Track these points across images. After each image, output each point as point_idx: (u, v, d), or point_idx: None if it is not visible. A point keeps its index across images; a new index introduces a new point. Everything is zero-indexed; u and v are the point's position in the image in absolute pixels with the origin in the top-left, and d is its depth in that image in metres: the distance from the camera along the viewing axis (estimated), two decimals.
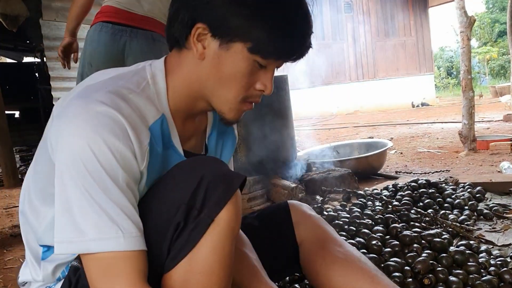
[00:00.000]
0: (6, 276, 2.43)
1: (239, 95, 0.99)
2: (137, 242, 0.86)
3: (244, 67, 0.96)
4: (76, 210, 0.84)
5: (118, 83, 0.95)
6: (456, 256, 1.73)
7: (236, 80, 0.97)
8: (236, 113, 1.03)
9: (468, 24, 5.15)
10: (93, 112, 0.87)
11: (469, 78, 5.23)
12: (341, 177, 3.40)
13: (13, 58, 11.64)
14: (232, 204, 0.93)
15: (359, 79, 16.18)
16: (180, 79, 1.01)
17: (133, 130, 0.90)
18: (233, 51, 0.95)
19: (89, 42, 2.31)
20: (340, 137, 8.13)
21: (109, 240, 0.83)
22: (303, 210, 1.37)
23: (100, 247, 0.83)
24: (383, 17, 16.50)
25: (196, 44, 0.97)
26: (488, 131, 6.85)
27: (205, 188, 0.92)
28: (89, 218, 0.83)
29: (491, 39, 26.86)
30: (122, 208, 0.86)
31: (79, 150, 0.85)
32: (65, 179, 0.86)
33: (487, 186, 2.89)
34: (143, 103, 0.95)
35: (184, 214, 0.92)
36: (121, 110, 0.89)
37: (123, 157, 0.87)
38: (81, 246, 0.84)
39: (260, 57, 0.96)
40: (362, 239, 1.94)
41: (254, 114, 3.19)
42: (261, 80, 1.00)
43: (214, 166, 0.97)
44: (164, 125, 1.00)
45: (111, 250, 0.84)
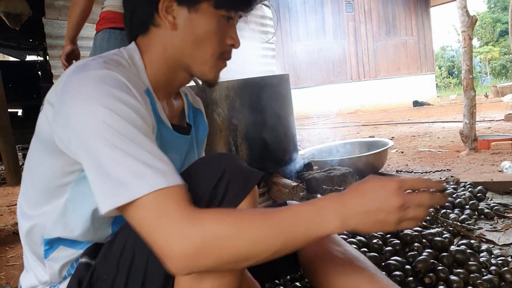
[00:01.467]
0: (9, 273, 2.44)
1: (215, 52, 1.05)
2: (175, 177, 0.86)
3: (214, 24, 1.03)
4: (111, 167, 0.83)
5: (103, 58, 0.99)
6: (457, 255, 1.74)
7: (210, 38, 1.03)
8: (216, 72, 1.09)
9: (469, 24, 5.15)
10: (96, 77, 0.90)
11: (471, 77, 5.23)
12: (342, 176, 3.40)
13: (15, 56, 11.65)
14: (250, 197, 0.98)
15: (360, 78, 16.16)
16: (156, 55, 1.06)
17: (134, 88, 0.93)
18: (201, 12, 1.02)
19: (99, 49, 2.31)
20: (341, 136, 8.14)
21: (150, 181, 0.82)
22: None
23: (143, 189, 0.82)
24: (384, 16, 16.47)
25: (166, 16, 1.02)
26: (489, 130, 6.85)
27: (227, 181, 0.97)
28: (125, 169, 0.83)
29: (493, 39, 26.80)
30: (153, 152, 0.86)
31: (97, 114, 0.85)
32: (92, 145, 0.85)
33: (488, 185, 2.90)
34: (130, 75, 0.98)
35: (206, 204, 0.95)
36: (117, 71, 0.94)
37: (137, 109, 0.90)
38: (125, 195, 0.82)
39: (225, 10, 1.03)
40: (362, 237, 1.94)
41: (255, 112, 3.20)
42: (229, 34, 1.06)
43: (235, 162, 1.02)
44: (151, 98, 1.03)
45: (154, 189, 0.82)
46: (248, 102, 3.20)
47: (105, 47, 2.29)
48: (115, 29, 2.29)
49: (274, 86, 3.33)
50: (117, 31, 2.28)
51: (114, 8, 2.29)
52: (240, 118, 3.20)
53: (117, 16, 2.29)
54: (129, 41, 1.10)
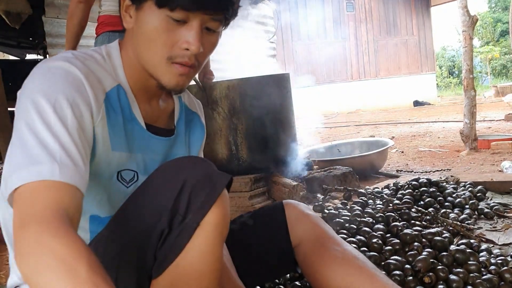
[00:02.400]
0: (8, 272, 2.44)
1: (162, 55, 0.97)
2: (72, 175, 0.80)
3: (157, 23, 0.95)
4: (18, 145, 0.82)
5: (75, 53, 0.98)
6: (457, 255, 1.73)
7: (154, 39, 0.96)
8: (171, 77, 0.99)
9: (470, 24, 5.15)
10: (50, 66, 0.92)
11: (471, 77, 5.23)
12: (342, 176, 3.40)
13: (15, 55, 11.64)
14: (218, 206, 0.91)
15: (361, 78, 16.16)
16: (129, 55, 1.04)
17: (88, 83, 0.92)
18: (144, 10, 0.96)
19: None
20: (342, 135, 8.14)
21: (42, 167, 0.78)
22: (300, 209, 1.36)
23: (31, 174, 0.78)
24: (385, 16, 16.47)
25: (125, 16, 1.00)
26: (490, 130, 6.85)
27: (189, 192, 0.90)
28: (27, 151, 0.80)
29: (493, 39, 26.79)
30: (63, 144, 0.83)
31: (33, 96, 0.87)
32: (17, 123, 0.86)
33: (488, 185, 2.89)
34: (99, 70, 0.98)
35: (168, 220, 0.90)
36: (78, 65, 0.93)
37: (75, 104, 0.89)
38: (13, 178, 0.78)
39: (168, 9, 0.93)
40: (362, 237, 1.94)
41: (255, 112, 3.20)
42: (183, 37, 0.96)
43: (197, 168, 0.95)
44: (122, 96, 1.01)
45: (41, 178, 0.77)
46: (248, 101, 3.20)
47: None
48: (114, 32, 2.31)
49: (275, 85, 3.33)
50: (116, 33, 2.30)
51: (112, 12, 2.33)
52: (240, 117, 3.19)
53: (115, 19, 2.30)
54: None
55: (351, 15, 16.04)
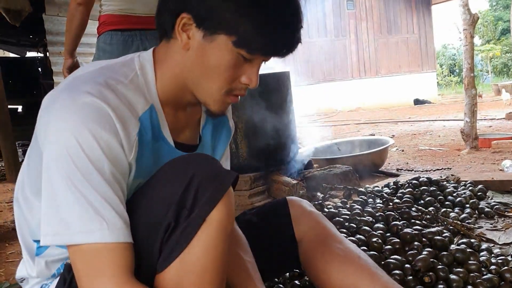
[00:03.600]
0: (8, 269, 2.44)
1: (222, 87, 0.98)
2: (122, 234, 0.86)
3: (227, 60, 0.95)
4: (62, 202, 0.84)
5: (106, 74, 0.95)
6: (457, 254, 1.73)
7: (220, 72, 0.96)
8: (221, 106, 1.02)
9: (471, 22, 5.14)
10: (80, 103, 0.88)
11: (472, 76, 5.22)
12: (342, 174, 3.39)
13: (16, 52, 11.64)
14: (224, 203, 0.92)
15: (361, 76, 16.16)
16: (168, 69, 1.01)
17: (119, 121, 0.90)
18: (217, 43, 0.94)
19: (102, 53, 2.33)
20: (342, 134, 8.13)
21: (94, 232, 0.83)
22: (303, 206, 1.36)
23: (84, 239, 0.84)
24: (385, 14, 16.46)
25: (181, 34, 0.96)
26: (490, 129, 6.85)
27: (196, 187, 0.92)
28: (74, 210, 0.84)
29: (494, 37, 26.76)
30: (108, 199, 0.85)
31: (65, 142, 0.85)
32: (51, 171, 0.86)
33: (488, 184, 2.89)
34: (132, 94, 0.95)
35: (175, 214, 0.91)
36: (108, 100, 0.89)
37: (110, 148, 0.88)
38: (65, 238, 0.84)
39: (246, 51, 0.94)
40: (362, 236, 1.94)
41: (255, 110, 3.19)
42: (246, 73, 0.98)
43: (205, 164, 0.96)
44: (154, 116, 1.00)
45: (95, 241, 0.84)
46: (248, 99, 3.19)
47: (108, 50, 2.31)
48: (117, 31, 2.30)
49: (275, 84, 3.32)
50: (118, 32, 2.30)
51: (113, 12, 2.31)
52: (240, 116, 3.19)
53: (117, 18, 2.30)
54: (159, 39, 1.06)
55: (352, 13, 16.03)
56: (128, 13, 2.30)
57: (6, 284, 2.21)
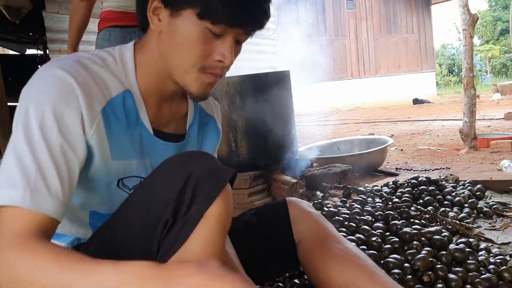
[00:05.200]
0: None
1: (195, 63, 0.97)
2: (48, 206, 0.83)
3: (194, 33, 0.94)
4: (4, 160, 0.84)
5: (83, 55, 0.97)
6: (456, 254, 1.74)
7: (189, 47, 0.95)
8: (200, 85, 1.00)
9: (471, 22, 5.14)
10: (48, 74, 0.90)
11: (471, 76, 5.23)
12: (342, 173, 3.40)
13: (15, 50, 11.62)
14: (222, 199, 0.92)
15: (361, 76, 16.16)
16: (147, 57, 1.02)
17: (84, 95, 0.91)
18: (183, 17, 0.94)
19: (100, 48, 2.34)
20: (341, 133, 8.14)
21: (16, 195, 0.81)
22: (302, 207, 1.36)
23: (3, 196, 0.81)
24: (385, 13, 16.46)
25: (152, 18, 0.98)
26: (489, 129, 6.85)
27: (194, 184, 0.91)
28: (6, 170, 0.83)
29: (493, 37, 26.79)
30: (42, 168, 0.84)
31: (25, 107, 0.87)
32: (13, 129, 0.88)
33: (487, 184, 2.90)
34: (106, 75, 0.97)
35: (173, 211, 0.91)
36: (76, 74, 0.91)
37: (65, 122, 0.88)
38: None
39: (210, 23, 0.93)
40: (362, 235, 1.94)
41: (255, 109, 3.20)
42: (218, 49, 0.96)
43: (203, 161, 0.96)
44: (129, 101, 1.00)
45: (12, 204, 0.80)
46: (248, 98, 3.19)
47: (106, 45, 2.32)
48: (115, 27, 2.33)
49: (275, 83, 3.33)
50: (117, 29, 2.32)
51: (113, 8, 2.34)
52: (240, 115, 3.19)
53: (116, 15, 2.33)
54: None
55: (351, 13, 16.03)
56: (127, 10, 2.32)
57: None
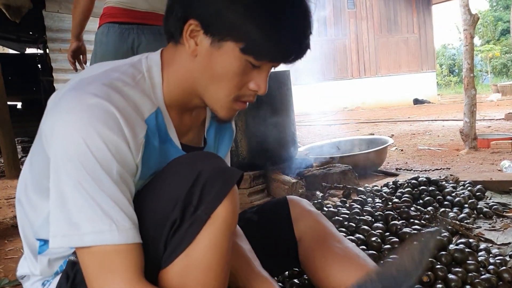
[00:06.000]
0: (7, 266, 2.44)
1: (230, 94, 0.98)
2: (131, 235, 0.86)
3: (235, 67, 0.94)
4: (71, 204, 0.84)
5: (112, 75, 0.95)
6: (456, 254, 1.73)
7: (228, 79, 0.96)
8: (228, 112, 1.02)
9: (471, 22, 5.14)
10: (86, 104, 0.87)
11: (472, 76, 5.22)
12: (342, 173, 3.40)
13: (15, 49, 11.63)
14: (229, 200, 0.93)
15: (361, 76, 16.16)
16: (175, 74, 1.01)
17: (126, 123, 0.89)
18: (224, 50, 0.93)
19: (99, 44, 2.38)
20: (341, 133, 8.14)
21: (103, 233, 0.83)
22: (303, 205, 1.37)
23: (94, 240, 0.83)
24: (386, 13, 16.45)
25: (189, 40, 0.96)
26: (489, 129, 6.85)
27: (202, 184, 0.92)
28: (83, 211, 0.83)
29: (494, 37, 26.78)
30: (116, 201, 0.86)
31: (73, 144, 0.85)
32: (60, 173, 0.86)
33: (487, 184, 2.89)
34: (138, 96, 0.95)
35: (181, 210, 0.92)
36: (115, 102, 0.89)
37: (118, 149, 0.87)
38: (75, 239, 0.84)
39: (253, 58, 0.94)
40: (361, 235, 1.94)
41: (255, 109, 3.20)
42: (254, 80, 0.98)
43: (211, 162, 0.96)
44: (160, 119, 0.99)
45: (105, 243, 0.84)
46: None
47: (104, 41, 2.34)
48: (114, 23, 2.34)
49: (275, 83, 3.33)
50: (115, 25, 2.33)
51: (115, 4, 2.35)
52: (240, 114, 3.19)
53: (117, 11, 2.34)
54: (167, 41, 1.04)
55: (352, 13, 16.02)
56: (128, 7, 2.33)
57: (6, 280, 2.21)
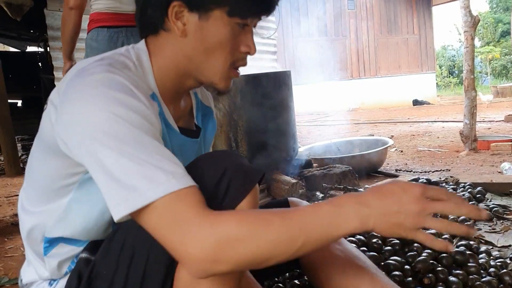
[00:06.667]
0: (7, 264, 2.45)
1: (227, 61, 1.01)
2: (187, 179, 0.85)
3: (227, 32, 0.98)
4: (119, 173, 0.81)
5: (107, 62, 0.96)
6: (457, 257, 1.74)
7: (222, 47, 0.99)
8: (227, 82, 1.05)
9: (472, 24, 5.14)
10: (95, 81, 0.88)
11: (472, 77, 5.22)
12: (342, 174, 3.40)
13: (16, 47, 11.62)
14: (251, 196, 0.97)
15: (361, 76, 16.15)
16: (165, 60, 1.03)
17: (138, 90, 0.91)
18: (213, 19, 0.97)
19: (89, 49, 2.42)
20: (341, 133, 8.14)
21: (162, 184, 0.81)
22: None
23: (156, 194, 0.81)
24: (386, 14, 16.45)
25: (176, 23, 0.98)
26: (489, 131, 6.85)
27: (228, 178, 0.95)
28: (134, 174, 0.81)
29: (494, 39, 26.80)
30: (162, 154, 0.85)
31: (100, 119, 0.84)
32: (96, 152, 0.83)
33: (487, 186, 2.89)
34: (135, 79, 0.96)
35: (208, 200, 0.91)
36: (120, 74, 0.91)
37: (143, 113, 0.88)
38: (138, 200, 0.81)
39: (239, 18, 0.98)
40: (362, 236, 1.94)
41: (256, 109, 3.20)
42: (243, 42, 1.02)
43: (236, 160, 1.00)
44: (157, 102, 1.01)
45: (167, 193, 0.81)
46: (249, 98, 3.20)
47: (94, 46, 2.39)
48: (103, 28, 2.39)
49: (276, 83, 3.33)
50: (104, 29, 2.39)
51: (100, 10, 2.41)
52: (240, 114, 3.20)
53: (105, 16, 2.40)
54: (140, 38, 1.07)
55: (352, 13, 16.02)
56: (115, 11, 2.39)
57: (5, 279, 2.22)
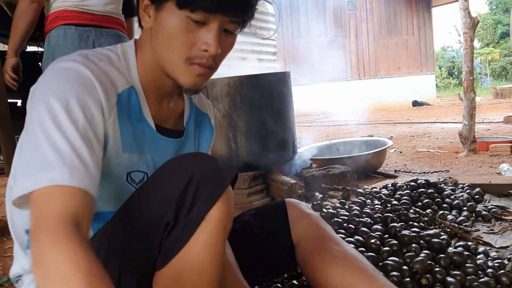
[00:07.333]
0: (6, 264, 2.44)
1: (181, 54, 0.97)
2: (82, 178, 0.81)
3: (177, 24, 0.95)
4: (31, 149, 0.83)
5: (87, 52, 1.00)
6: (454, 257, 1.74)
7: (174, 39, 0.96)
8: (190, 77, 1.00)
9: (472, 25, 5.14)
10: (62, 68, 0.92)
11: (471, 79, 5.23)
12: (341, 175, 3.41)
13: None
14: (223, 201, 0.93)
15: (361, 77, 16.16)
16: (146, 56, 1.05)
17: (101, 86, 0.93)
18: (165, 11, 0.96)
19: (55, 48, 2.24)
20: (341, 134, 8.14)
21: (52, 170, 0.79)
22: (301, 208, 1.36)
23: (43, 179, 0.79)
24: (386, 15, 16.46)
25: (144, 15, 1.01)
26: (488, 132, 6.85)
27: (195, 186, 0.92)
28: (39, 154, 0.81)
29: (493, 40, 26.81)
30: (75, 147, 0.83)
31: (46, 98, 0.87)
32: (29, 123, 0.87)
33: (486, 187, 2.90)
34: (112, 71, 0.99)
35: (174, 213, 0.92)
36: (90, 67, 0.94)
37: (88, 107, 0.90)
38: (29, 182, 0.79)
39: (189, 10, 0.93)
40: (360, 237, 1.95)
41: (256, 109, 3.20)
42: (202, 38, 0.97)
43: (205, 163, 0.96)
44: (133, 97, 1.02)
45: (55, 183, 0.78)
46: (248, 98, 3.20)
47: (62, 44, 2.23)
48: (70, 25, 2.23)
49: (275, 83, 3.34)
50: (72, 27, 2.23)
51: (68, 7, 2.24)
52: (240, 115, 3.20)
53: (72, 13, 2.24)
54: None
55: (352, 14, 16.02)
56: (84, 10, 2.24)
57: (4, 278, 2.22)
